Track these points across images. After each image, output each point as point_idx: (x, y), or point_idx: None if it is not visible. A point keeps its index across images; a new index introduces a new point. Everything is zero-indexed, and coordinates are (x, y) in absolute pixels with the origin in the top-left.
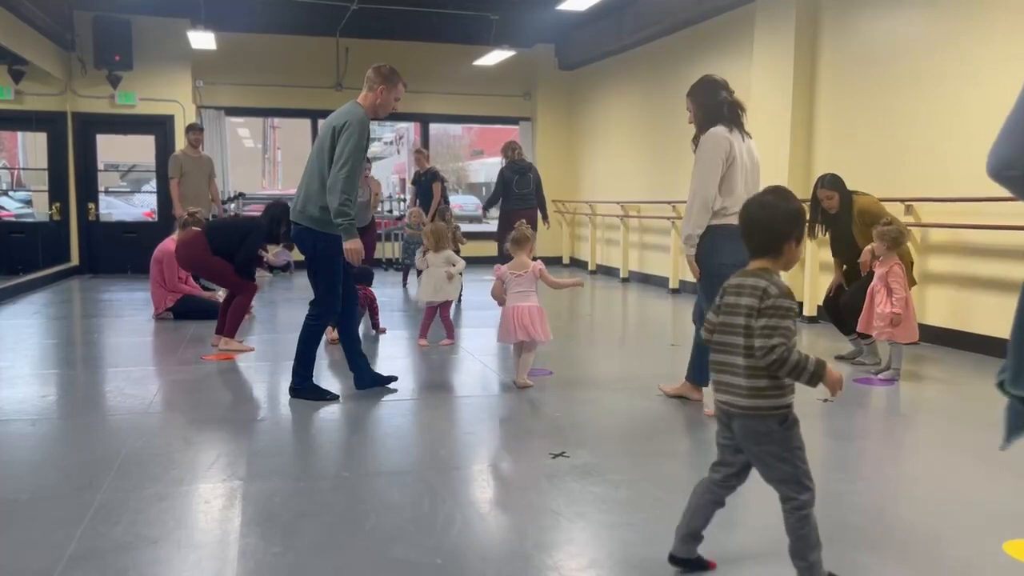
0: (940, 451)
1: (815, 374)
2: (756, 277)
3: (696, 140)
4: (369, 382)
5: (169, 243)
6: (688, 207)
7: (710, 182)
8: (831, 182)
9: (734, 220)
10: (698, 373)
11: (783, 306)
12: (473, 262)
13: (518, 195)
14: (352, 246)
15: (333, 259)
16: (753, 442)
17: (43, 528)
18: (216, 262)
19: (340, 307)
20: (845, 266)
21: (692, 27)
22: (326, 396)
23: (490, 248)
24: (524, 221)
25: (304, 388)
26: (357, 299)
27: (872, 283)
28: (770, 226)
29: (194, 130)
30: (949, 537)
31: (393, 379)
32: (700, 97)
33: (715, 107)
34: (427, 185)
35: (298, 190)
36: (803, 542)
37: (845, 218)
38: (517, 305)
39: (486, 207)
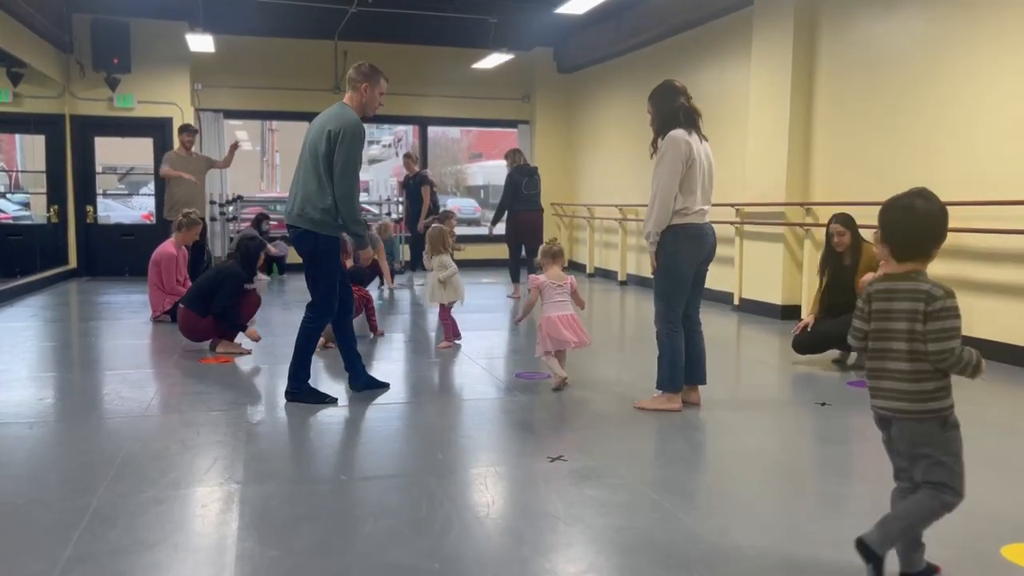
0: None
1: (976, 367)
2: (911, 281)
3: (654, 144)
4: (364, 383)
5: (167, 245)
6: (650, 207)
7: (671, 182)
8: (845, 220)
9: (695, 219)
10: (688, 375)
11: (954, 306)
12: (471, 265)
13: (526, 196)
14: (367, 253)
15: (332, 260)
16: (912, 444)
17: (40, 532)
18: (210, 321)
19: (337, 309)
20: (823, 307)
21: (690, 31)
22: (324, 399)
23: (488, 251)
24: (557, 239)
25: (302, 392)
26: (353, 299)
27: None
28: (923, 228)
29: (187, 131)
30: (947, 541)
31: (386, 385)
32: (658, 102)
33: (671, 112)
34: (415, 189)
35: (291, 192)
36: (913, 523)
37: (850, 263)
38: (561, 314)
39: (494, 220)
